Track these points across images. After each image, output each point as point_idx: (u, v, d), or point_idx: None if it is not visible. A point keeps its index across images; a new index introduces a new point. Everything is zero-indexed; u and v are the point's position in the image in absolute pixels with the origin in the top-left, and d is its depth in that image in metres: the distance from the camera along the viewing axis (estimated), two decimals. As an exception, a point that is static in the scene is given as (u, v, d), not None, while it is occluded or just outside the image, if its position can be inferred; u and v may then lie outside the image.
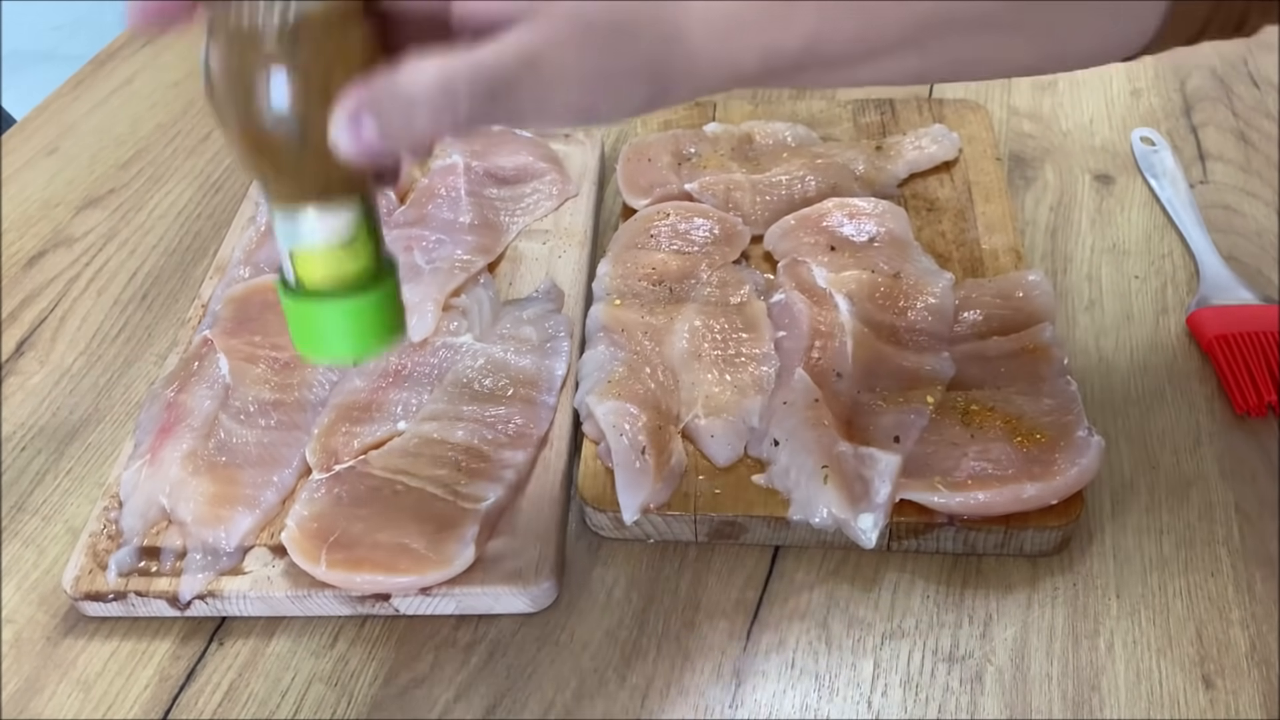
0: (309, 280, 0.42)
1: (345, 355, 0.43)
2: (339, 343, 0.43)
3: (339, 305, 0.42)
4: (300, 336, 0.43)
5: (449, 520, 0.55)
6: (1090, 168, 0.80)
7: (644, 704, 0.51)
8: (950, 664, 0.52)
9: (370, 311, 0.42)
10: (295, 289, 0.42)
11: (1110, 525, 0.57)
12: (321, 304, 0.42)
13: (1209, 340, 0.65)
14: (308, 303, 0.42)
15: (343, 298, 0.42)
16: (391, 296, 0.43)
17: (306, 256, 0.41)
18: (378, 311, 0.43)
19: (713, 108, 0.84)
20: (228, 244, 0.75)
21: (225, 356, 0.63)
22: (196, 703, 0.52)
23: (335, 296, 0.42)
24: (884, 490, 0.53)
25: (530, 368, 0.63)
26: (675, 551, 0.57)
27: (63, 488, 0.63)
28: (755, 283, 0.67)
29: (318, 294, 0.42)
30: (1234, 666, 0.51)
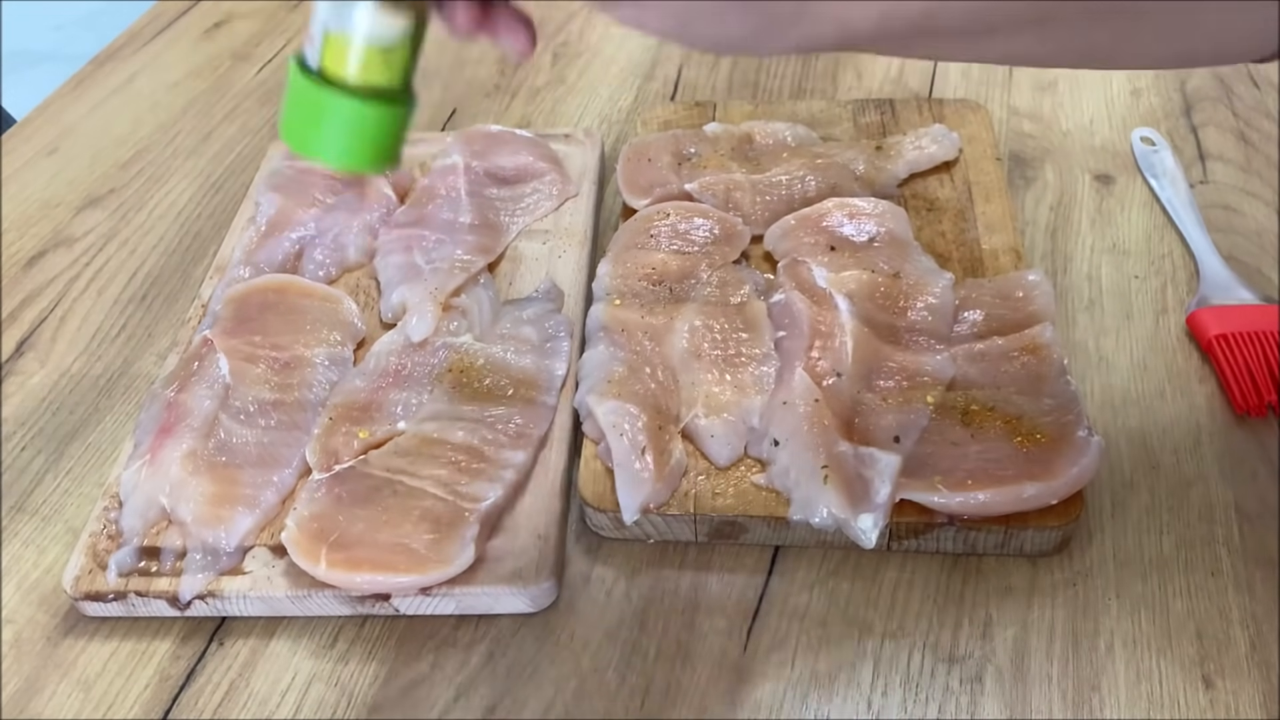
0: (333, 69, 0.40)
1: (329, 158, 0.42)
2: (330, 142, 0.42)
3: (350, 104, 0.41)
4: (293, 122, 0.42)
5: (449, 520, 0.55)
6: (1090, 168, 0.80)
7: (644, 704, 0.51)
8: (950, 664, 0.52)
9: (377, 125, 0.41)
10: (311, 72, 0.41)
11: (1110, 525, 0.57)
12: (334, 95, 0.40)
13: (1209, 340, 0.65)
14: (320, 88, 0.40)
15: (358, 99, 0.41)
16: (401, 123, 0.42)
17: (341, 43, 0.40)
18: (382, 129, 0.42)
19: (713, 108, 0.84)
20: (228, 244, 0.75)
21: (225, 356, 0.63)
22: (196, 703, 0.53)
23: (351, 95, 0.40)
24: (884, 490, 0.53)
25: (530, 368, 0.63)
26: (675, 551, 0.57)
27: (63, 488, 0.63)
28: (755, 283, 0.67)
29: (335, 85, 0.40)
30: (1234, 666, 0.51)
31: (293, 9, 1.07)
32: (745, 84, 0.91)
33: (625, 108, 0.90)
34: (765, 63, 0.94)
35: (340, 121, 0.41)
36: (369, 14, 0.39)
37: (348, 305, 0.69)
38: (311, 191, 0.77)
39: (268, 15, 1.06)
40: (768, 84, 0.91)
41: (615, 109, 0.90)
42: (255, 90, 0.96)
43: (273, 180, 0.78)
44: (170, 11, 1.08)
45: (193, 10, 1.08)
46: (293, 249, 0.73)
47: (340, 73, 0.40)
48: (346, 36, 0.40)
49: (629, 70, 0.94)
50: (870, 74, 0.91)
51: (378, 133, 0.42)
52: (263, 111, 0.93)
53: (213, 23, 1.06)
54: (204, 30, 1.05)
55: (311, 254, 0.73)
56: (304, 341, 0.65)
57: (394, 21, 0.40)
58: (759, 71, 0.93)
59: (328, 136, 0.41)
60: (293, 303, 0.68)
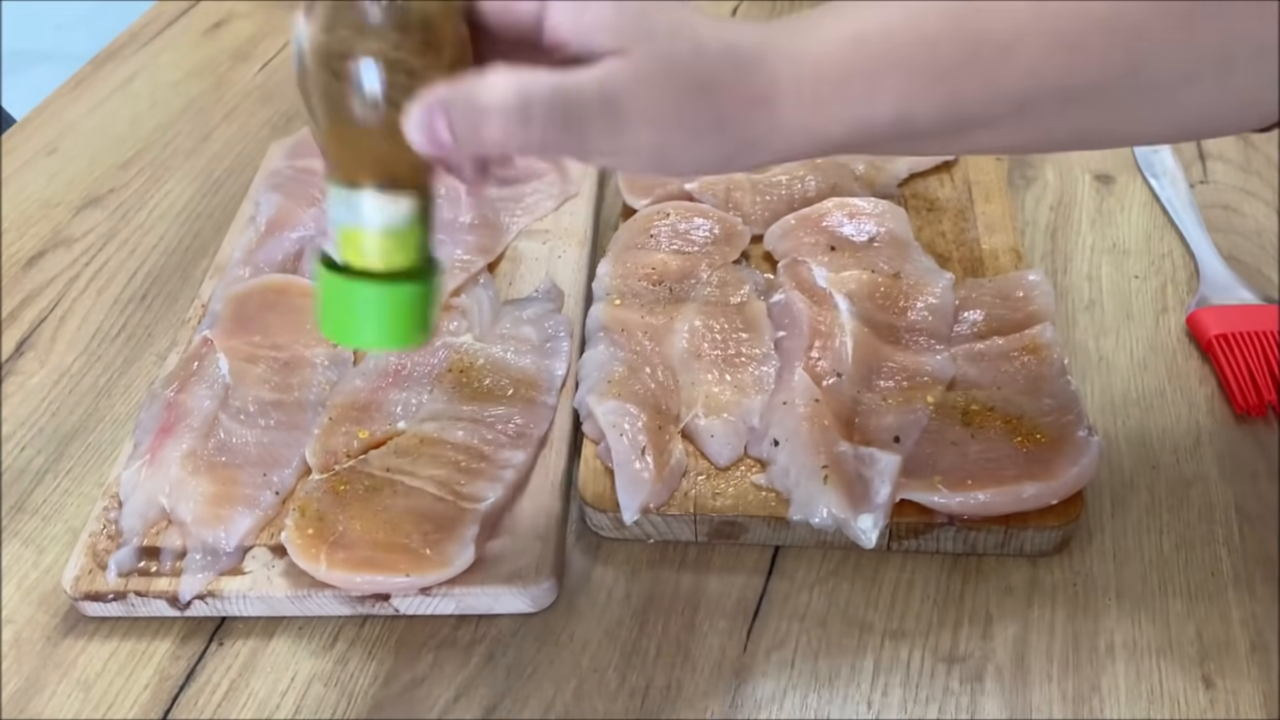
0: (353, 260, 0.42)
1: (368, 343, 0.44)
2: (366, 329, 0.43)
3: (376, 290, 0.42)
4: (328, 316, 0.43)
5: (449, 520, 0.55)
6: (1090, 167, 0.80)
7: (644, 704, 0.51)
8: (950, 664, 0.52)
9: (405, 304, 0.43)
10: (336, 267, 0.42)
11: (1110, 525, 0.57)
12: (360, 285, 0.42)
13: (1209, 340, 0.65)
14: (346, 281, 0.42)
15: (382, 284, 0.42)
16: (429, 296, 0.43)
17: (355, 236, 0.41)
18: (412, 306, 0.43)
19: (713, 108, 0.84)
20: (228, 244, 0.75)
21: (225, 356, 0.63)
22: (196, 703, 0.52)
23: (375, 281, 0.42)
24: (884, 490, 0.53)
25: (530, 368, 0.63)
26: (675, 551, 0.57)
27: (63, 488, 0.63)
28: (755, 283, 0.67)
29: (358, 275, 0.42)
30: (1234, 666, 0.51)
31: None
32: (745, 84, 0.91)
33: (625, 108, 0.90)
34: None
35: (372, 308, 0.42)
36: (374, 205, 0.41)
37: (348, 305, 0.69)
38: (311, 191, 0.77)
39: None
40: (768, 84, 0.91)
41: (615, 109, 0.90)
42: (255, 90, 0.96)
43: (273, 180, 0.78)
44: (170, 11, 1.08)
45: (193, 10, 1.08)
46: (293, 249, 0.73)
47: (361, 263, 0.42)
48: (359, 229, 0.41)
49: (629, 70, 0.94)
50: (870, 74, 0.91)
51: (409, 310, 0.43)
52: (263, 111, 0.93)
53: (212, 23, 1.06)
54: (204, 30, 1.05)
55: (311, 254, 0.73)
56: (304, 341, 0.65)
57: (399, 207, 0.41)
58: (759, 71, 0.93)
59: (364, 324, 0.43)
60: (293, 303, 0.68)
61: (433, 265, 0.44)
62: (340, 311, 0.43)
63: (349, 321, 0.43)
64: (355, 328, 0.43)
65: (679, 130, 0.40)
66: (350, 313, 0.43)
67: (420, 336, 0.44)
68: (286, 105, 0.93)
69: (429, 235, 0.43)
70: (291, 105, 0.93)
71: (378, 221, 0.41)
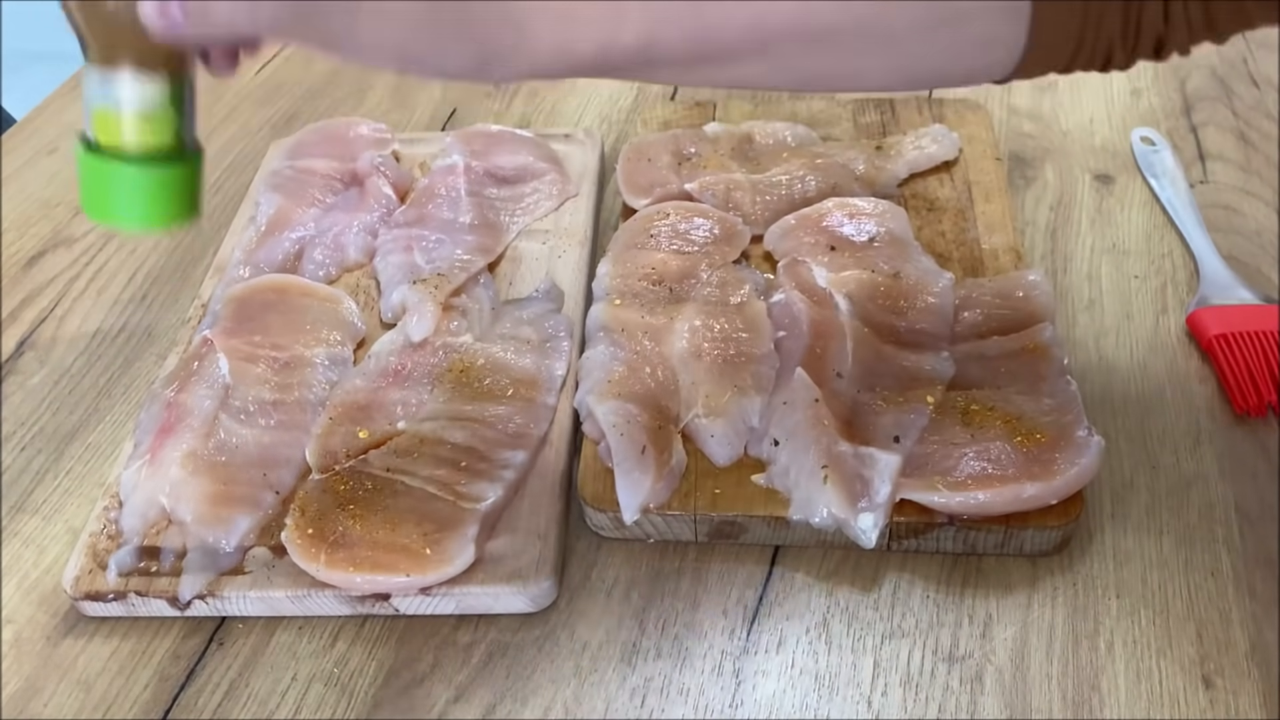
0: (108, 141, 0.43)
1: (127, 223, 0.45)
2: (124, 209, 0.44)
3: (128, 170, 0.44)
4: (87, 196, 0.45)
5: (449, 520, 0.55)
6: (1090, 168, 0.80)
7: (644, 704, 0.51)
8: (950, 664, 0.52)
9: (161, 185, 0.44)
10: (92, 146, 0.44)
11: (1110, 525, 0.57)
12: (112, 165, 0.43)
13: (1209, 340, 0.65)
14: (99, 160, 0.44)
15: (137, 165, 0.43)
16: (184, 179, 0.45)
17: (111, 117, 0.43)
18: (168, 188, 0.44)
19: (713, 108, 0.84)
20: (228, 244, 0.75)
21: (225, 356, 0.63)
22: (196, 703, 0.52)
23: (128, 162, 0.43)
24: (884, 490, 0.53)
25: (530, 368, 0.63)
26: (675, 551, 0.57)
27: (63, 488, 0.63)
28: (755, 283, 0.67)
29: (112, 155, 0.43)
30: (1234, 666, 0.51)
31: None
32: (745, 84, 0.91)
33: (625, 108, 0.90)
34: (765, 63, 0.93)
35: (128, 188, 0.44)
36: (125, 85, 0.42)
37: (348, 305, 0.69)
38: (311, 191, 0.77)
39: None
40: (768, 84, 0.91)
41: (615, 109, 0.90)
42: (255, 90, 0.96)
43: (272, 180, 0.78)
44: (170, 11, 1.08)
45: (193, 10, 1.08)
46: (293, 249, 0.73)
47: (115, 143, 0.43)
48: (114, 110, 0.43)
49: (629, 70, 0.94)
50: (870, 74, 0.91)
51: (167, 191, 0.45)
52: (262, 111, 0.93)
53: (213, 23, 1.06)
54: (204, 30, 1.05)
55: (311, 254, 0.73)
56: (304, 341, 0.65)
57: (152, 90, 0.43)
58: (759, 71, 0.93)
59: (121, 204, 0.44)
60: (293, 303, 0.68)
61: (192, 151, 0.45)
62: (97, 192, 0.44)
63: (108, 202, 0.44)
64: (114, 208, 0.45)
65: (425, 33, 0.41)
66: (108, 193, 0.44)
67: (180, 218, 0.45)
68: (286, 105, 0.94)
69: (187, 120, 0.45)
70: (291, 105, 0.93)
71: (132, 102, 0.42)
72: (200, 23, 0.40)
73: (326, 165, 0.79)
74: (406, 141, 0.83)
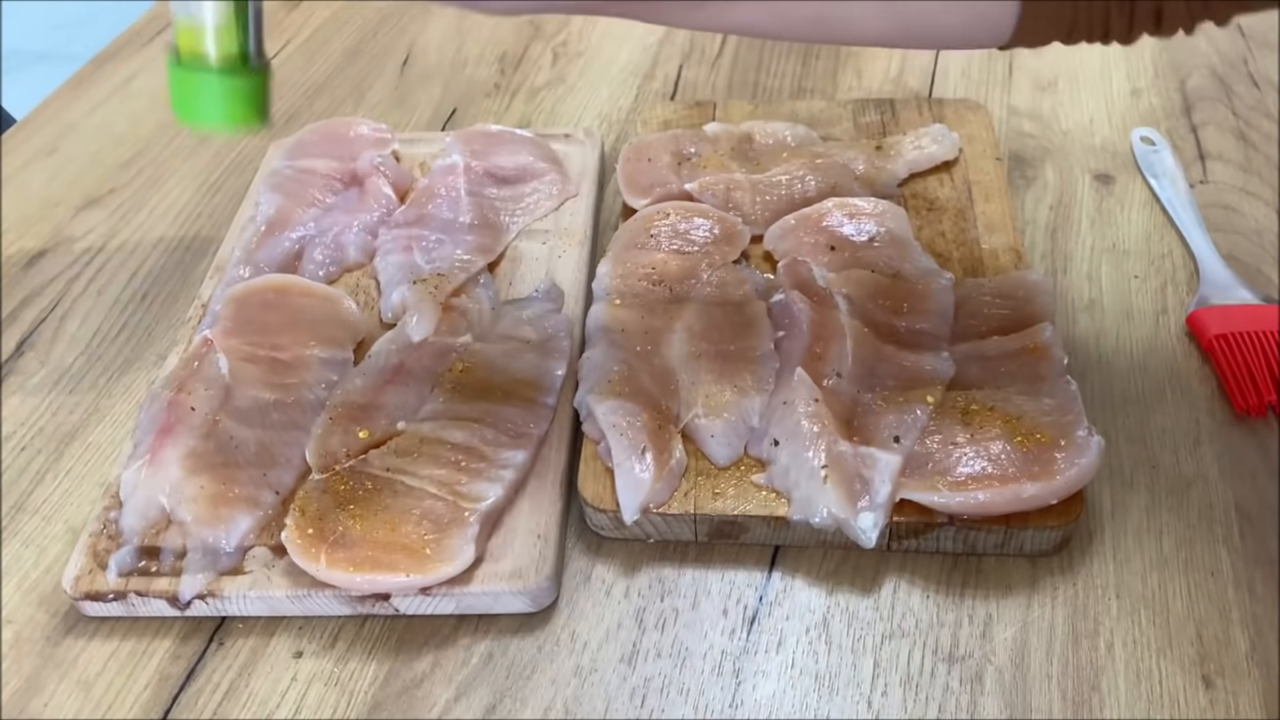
0: (184, 51, 0.51)
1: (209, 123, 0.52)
2: (205, 111, 0.52)
3: (205, 77, 0.51)
4: (176, 102, 0.52)
5: (449, 520, 0.55)
6: (1090, 167, 0.80)
7: (644, 704, 0.51)
8: (950, 664, 0.52)
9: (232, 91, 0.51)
10: (176, 58, 0.51)
11: (1110, 525, 0.57)
12: (192, 73, 0.51)
13: (1209, 340, 0.65)
14: (181, 70, 0.51)
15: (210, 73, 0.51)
16: (254, 87, 0.52)
17: (190, 31, 0.50)
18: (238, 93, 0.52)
19: (713, 108, 0.84)
20: (228, 244, 0.75)
21: (225, 356, 0.63)
22: (196, 703, 0.53)
23: (205, 70, 0.51)
24: (884, 490, 0.53)
25: (530, 368, 0.63)
26: (675, 551, 0.57)
27: (63, 488, 0.63)
28: (755, 283, 0.67)
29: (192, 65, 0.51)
30: (1234, 666, 0.51)
31: (292, 9, 1.07)
32: (745, 84, 0.91)
33: (625, 108, 0.90)
34: (765, 62, 0.94)
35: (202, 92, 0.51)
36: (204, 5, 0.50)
37: (348, 305, 0.69)
38: (311, 191, 0.77)
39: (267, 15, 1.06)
40: (768, 84, 0.91)
41: (615, 109, 0.90)
42: (255, 90, 0.96)
43: (272, 180, 0.78)
44: (170, 11, 1.08)
45: (193, 10, 1.08)
46: (293, 249, 0.73)
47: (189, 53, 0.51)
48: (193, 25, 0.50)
49: (629, 70, 0.94)
50: (870, 74, 0.91)
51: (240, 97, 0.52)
52: (263, 111, 0.93)
53: (213, 23, 1.06)
54: (204, 30, 1.05)
55: (311, 254, 0.73)
56: (304, 341, 0.65)
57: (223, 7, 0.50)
58: (759, 71, 0.93)
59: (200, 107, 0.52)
60: (293, 303, 0.68)
61: (261, 63, 0.53)
62: (182, 98, 0.52)
63: (190, 106, 0.52)
64: (196, 111, 0.52)
65: None
66: (189, 98, 0.52)
67: (255, 121, 0.53)
68: (286, 105, 0.93)
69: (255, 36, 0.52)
70: (291, 105, 0.93)
71: (208, 19, 0.50)
72: None
73: (326, 165, 0.79)
74: (406, 141, 0.83)
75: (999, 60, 0.91)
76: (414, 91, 0.94)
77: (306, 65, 0.98)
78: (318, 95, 0.95)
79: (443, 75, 0.95)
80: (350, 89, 0.95)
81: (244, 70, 0.52)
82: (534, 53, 0.97)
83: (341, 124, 0.83)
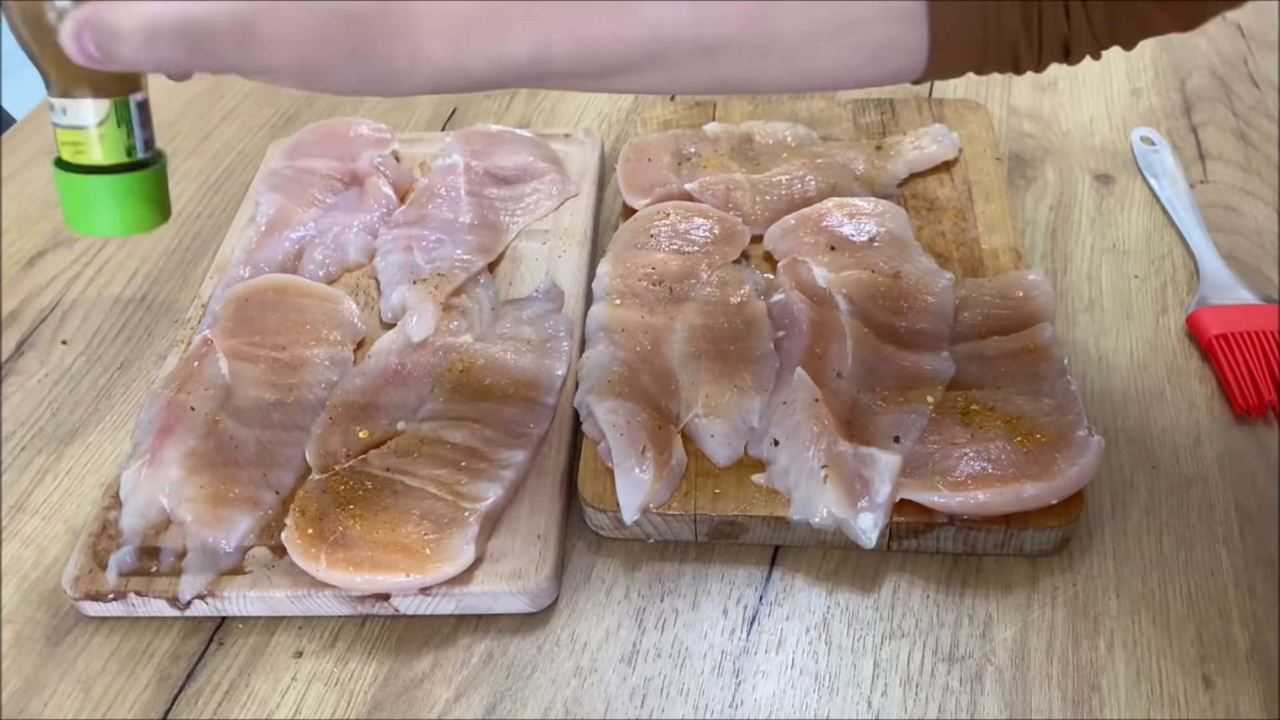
0: (78, 159, 0.48)
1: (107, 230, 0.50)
2: (102, 218, 0.49)
3: (103, 182, 0.48)
4: (69, 211, 0.49)
5: (449, 520, 0.55)
6: (1090, 168, 0.80)
7: (644, 704, 0.51)
8: (950, 664, 0.52)
9: (131, 191, 0.49)
10: (62, 165, 0.49)
11: (1110, 525, 0.57)
12: (82, 179, 0.48)
13: (1209, 340, 0.65)
14: (77, 177, 0.48)
15: (108, 176, 0.49)
16: (146, 183, 0.49)
17: (76, 137, 0.48)
18: (138, 193, 0.49)
19: (713, 107, 0.84)
20: (228, 244, 0.75)
21: (225, 356, 0.63)
22: (196, 703, 0.53)
23: (92, 173, 0.48)
24: (884, 490, 0.53)
25: (530, 368, 0.63)
26: (675, 551, 0.57)
27: (63, 488, 0.63)
28: (755, 283, 0.67)
29: (81, 170, 0.48)
30: (1234, 666, 0.51)
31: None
32: (745, 84, 0.91)
33: (625, 107, 0.90)
34: (765, 63, 0.93)
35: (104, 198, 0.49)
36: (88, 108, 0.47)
37: (348, 305, 0.69)
38: (311, 191, 0.77)
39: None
40: (768, 84, 0.91)
41: (615, 109, 0.90)
42: (255, 90, 0.96)
43: (272, 180, 0.78)
44: (170, 11, 1.08)
45: (193, 10, 1.08)
46: (293, 249, 0.73)
47: (86, 160, 0.48)
48: (79, 130, 0.48)
49: (629, 70, 0.94)
50: (870, 74, 0.91)
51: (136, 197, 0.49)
52: (262, 111, 0.93)
53: (213, 23, 1.06)
54: (204, 30, 1.05)
55: (311, 254, 0.73)
56: (304, 341, 0.65)
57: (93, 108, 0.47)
58: (759, 71, 0.93)
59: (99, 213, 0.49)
60: (293, 303, 0.68)
61: (154, 158, 0.50)
62: (78, 205, 0.49)
63: (83, 213, 0.49)
64: (93, 218, 0.49)
65: (322, 54, 0.42)
66: (86, 205, 0.49)
67: (151, 221, 0.50)
68: (286, 105, 0.93)
69: (146, 131, 0.50)
70: (291, 105, 0.93)
71: (91, 121, 0.47)
72: (109, 58, 0.43)
73: (326, 165, 0.79)
74: (406, 141, 0.83)
75: (999, 60, 0.91)
76: (414, 91, 0.94)
77: (306, 65, 0.98)
78: (318, 95, 0.94)
79: (443, 75, 0.95)
80: (350, 89, 0.95)
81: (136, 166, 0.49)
82: (534, 53, 0.97)
83: (341, 124, 0.83)
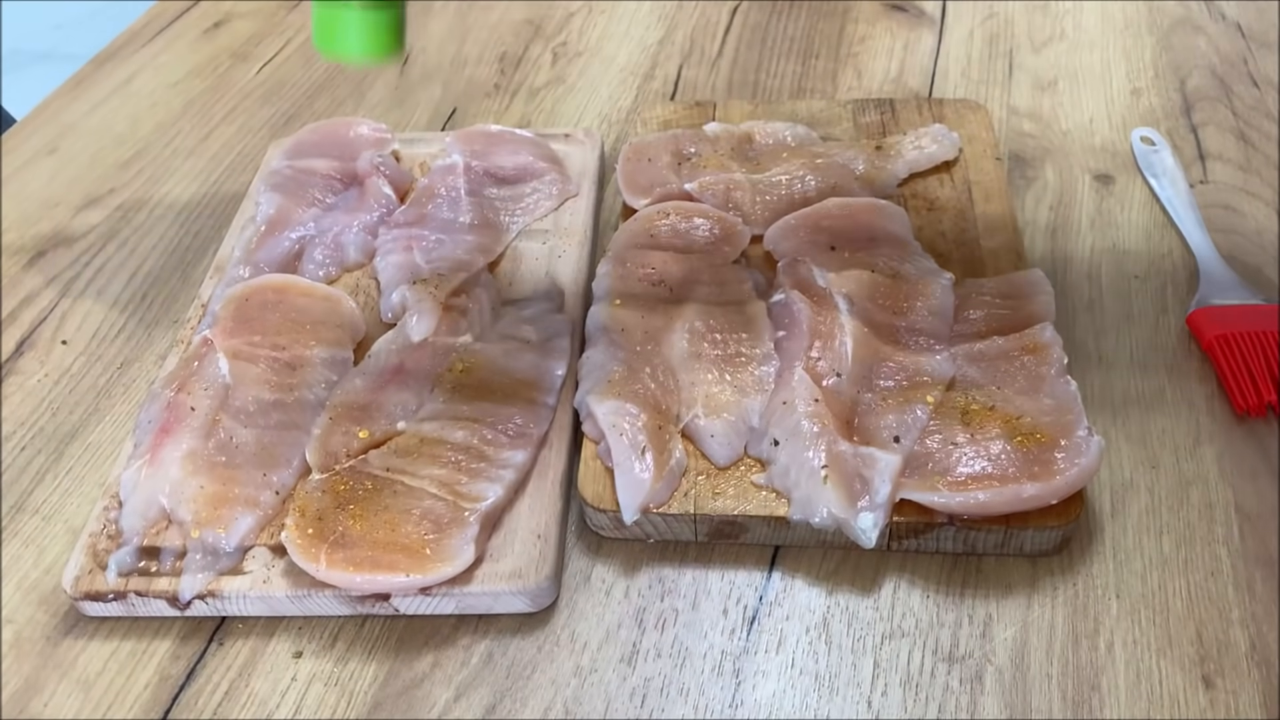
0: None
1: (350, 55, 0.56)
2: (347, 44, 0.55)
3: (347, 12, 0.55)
4: (319, 36, 0.56)
5: (449, 520, 0.55)
6: (1090, 168, 0.80)
7: (644, 704, 0.51)
8: (950, 664, 0.52)
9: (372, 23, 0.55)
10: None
11: (1110, 525, 0.57)
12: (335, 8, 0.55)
13: (1209, 340, 0.65)
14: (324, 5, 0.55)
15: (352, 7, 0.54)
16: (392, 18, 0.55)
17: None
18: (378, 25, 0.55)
19: (713, 108, 0.84)
20: (227, 244, 0.75)
21: (225, 356, 0.63)
22: (196, 703, 0.53)
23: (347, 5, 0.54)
24: (884, 490, 0.53)
25: (530, 368, 0.63)
26: (675, 551, 0.57)
27: (63, 488, 0.63)
28: (755, 283, 0.67)
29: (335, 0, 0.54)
30: (1234, 666, 0.51)
31: (292, 9, 1.07)
32: (745, 84, 0.92)
33: (625, 108, 0.90)
34: (765, 62, 0.94)
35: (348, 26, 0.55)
36: None
37: (348, 305, 0.69)
38: (311, 191, 0.77)
39: (267, 15, 1.06)
40: (768, 84, 0.91)
41: (615, 109, 0.90)
42: (255, 90, 0.96)
43: (272, 180, 0.78)
44: (170, 11, 1.08)
45: (192, 10, 1.08)
46: (293, 249, 0.73)
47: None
48: None
49: (629, 70, 0.94)
50: (870, 74, 0.91)
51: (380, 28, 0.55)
52: (263, 111, 0.93)
53: (212, 23, 1.06)
54: (204, 30, 1.05)
55: (311, 254, 0.73)
56: (304, 341, 0.65)
57: None
58: (759, 71, 0.93)
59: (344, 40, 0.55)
60: (293, 303, 0.68)
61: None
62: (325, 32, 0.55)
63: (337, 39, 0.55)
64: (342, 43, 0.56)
65: None
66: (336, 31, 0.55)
67: (393, 50, 0.56)
68: (286, 105, 0.93)
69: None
70: (291, 105, 0.93)
71: None
72: None
73: (326, 165, 0.79)
74: (406, 141, 0.83)
75: (999, 60, 0.91)
76: (414, 91, 0.94)
77: (306, 65, 0.98)
78: (318, 95, 0.95)
79: (443, 75, 0.95)
80: (350, 89, 0.95)
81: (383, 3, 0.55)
82: (534, 53, 0.97)
83: (341, 124, 0.83)
